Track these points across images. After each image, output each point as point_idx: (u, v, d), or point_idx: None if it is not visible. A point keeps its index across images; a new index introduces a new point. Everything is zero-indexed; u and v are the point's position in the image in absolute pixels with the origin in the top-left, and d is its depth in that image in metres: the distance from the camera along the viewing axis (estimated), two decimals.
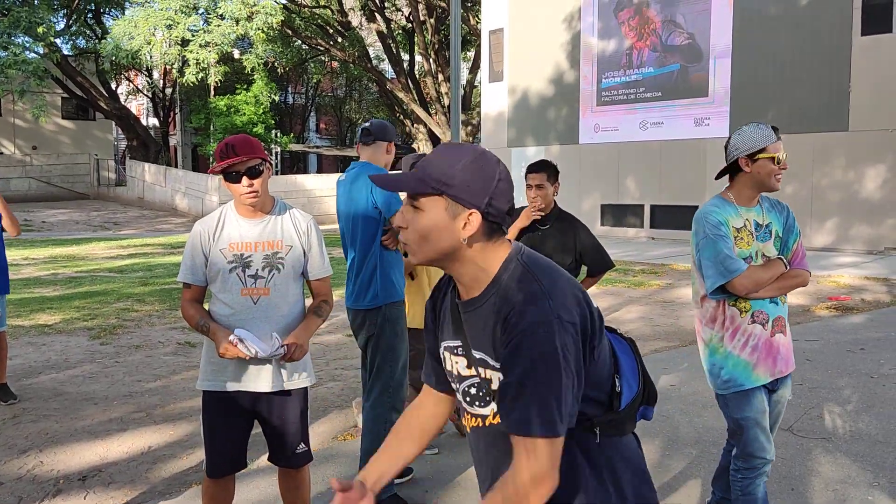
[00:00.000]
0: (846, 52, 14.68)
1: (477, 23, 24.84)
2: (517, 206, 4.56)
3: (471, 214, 1.53)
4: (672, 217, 17.49)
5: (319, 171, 42.94)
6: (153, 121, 40.99)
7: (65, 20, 30.48)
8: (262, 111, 30.41)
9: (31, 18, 25.90)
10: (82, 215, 26.77)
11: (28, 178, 30.77)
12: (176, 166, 35.76)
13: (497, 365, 1.53)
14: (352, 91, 44.33)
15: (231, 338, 2.74)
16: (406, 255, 1.72)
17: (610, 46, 18.45)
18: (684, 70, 17.19)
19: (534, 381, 1.46)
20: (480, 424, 1.65)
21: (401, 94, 30.06)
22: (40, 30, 26.16)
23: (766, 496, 3.00)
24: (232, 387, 2.90)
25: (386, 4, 31.32)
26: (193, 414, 5.28)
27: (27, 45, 27.24)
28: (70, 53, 31.22)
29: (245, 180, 2.78)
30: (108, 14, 32.45)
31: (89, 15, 32.22)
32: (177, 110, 37.94)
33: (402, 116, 34.96)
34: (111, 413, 5.32)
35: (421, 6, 27.79)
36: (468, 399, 1.65)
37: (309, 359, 3.02)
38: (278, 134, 32.76)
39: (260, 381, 2.90)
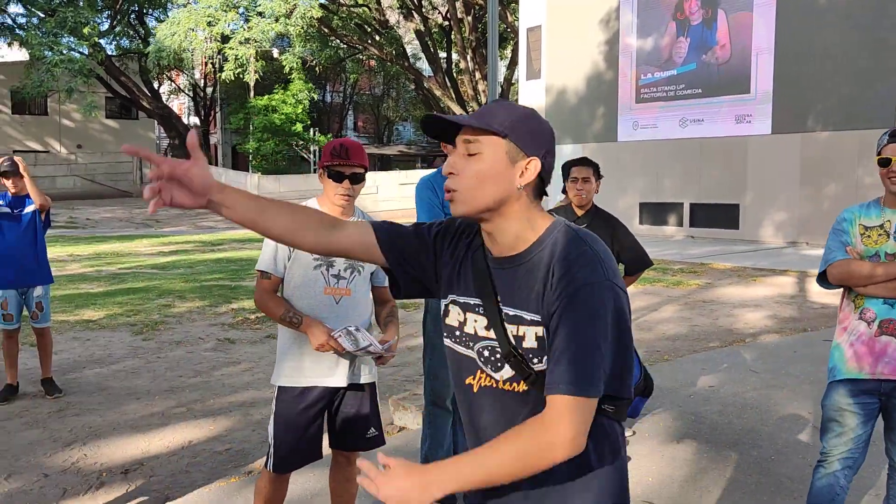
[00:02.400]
0: (894, 46, 14.31)
1: (514, 20, 24.75)
2: (557, 203, 4.55)
3: (530, 162, 1.51)
4: (712, 216, 17.24)
5: None
6: (194, 119, 41.64)
7: (109, 21, 31.11)
8: (300, 110, 30.70)
9: (77, 19, 26.53)
10: (125, 213, 27.30)
11: (73, 175, 31.50)
12: (216, 165, 36.27)
13: (535, 318, 1.50)
14: (389, 89, 44.55)
15: (340, 329, 2.81)
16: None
17: (649, 43, 18.25)
18: (725, 66, 16.92)
19: (582, 341, 1.44)
20: (494, 385, 1.59)
21: (438, 92, 30.11)
22: (85, 30, 26.78)
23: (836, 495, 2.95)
24: (309, 382, 2.95)
25: (423, 3, 31.38)
26: (233, 409, 5.36)
27: (72, 45, 27.88)
28: (114, 54, 31.86)
29: (346, 183, 2.88)
30: (151, 14, 33.03)
31: (132, 16, 32.86)
32: (217, 109, 38.49)
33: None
34: (153, 408, 5.43)
35: (458, 4, 27.78)
36: (482, 359, 1.61)
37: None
38: (316, 132, 33.03)
39: (336, 376, 2.96)
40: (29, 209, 5.55)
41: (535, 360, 1.51)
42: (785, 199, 16.07)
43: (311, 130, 32.37)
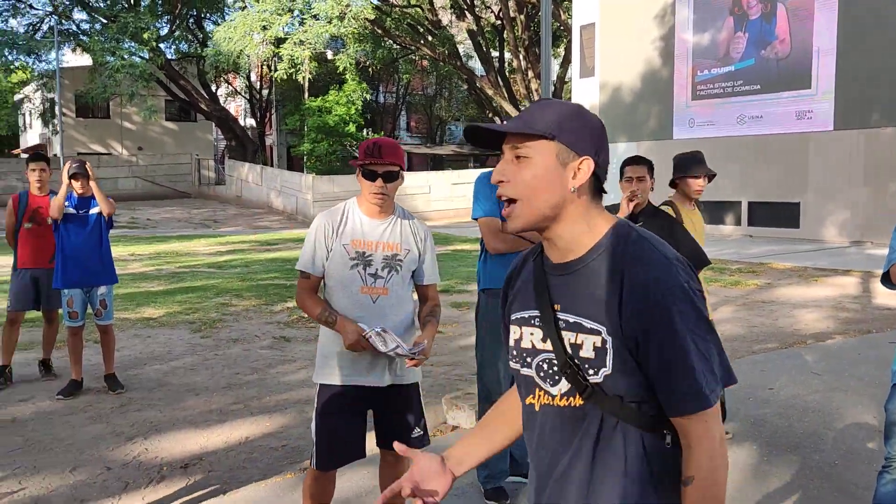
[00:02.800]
0: None
1: (568, 18, 24.55)
2: (610, 203, 4.49)
3: (581, 162, 1.45)
4: (771, 214, 16.83)
5: (409, 168, 43.40)
6: (250, 121, 42.42)
7: (168, 25, 31.91)
8: (353, 111, 31.00)
9: (137, 24, 27.28)
10: (184, 213, 27.98)
11: (134, 177, 32.39)
12: (272, 165, 36.89)
13: (595, 327, 1.42)
14: (441, 89, 44.64)
15: (371, 330, 2.81)
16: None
17: (706, 39, 17.89)
18: (785, 62, 16.49)
19: (683, 351, 1.38)
20: (551, 402, 1.51)
21: (490, 92, 30.06)
22: (145, 35, 27.52)
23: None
24: (348, 381, 2.97)
25: (476, 2, 31.35)
26: (288, 407, 5.44)
27: (133, 50, 28.69)
28: (173, 58, 32.66)
29: (379, 181, 2.89)
30: (209, 18, 33.76)
31: (191, 20, 33.62)
32: (272, 111, 39.14)
33: (491, 114, 34.95)
34: (211, 404, 5.54)
35: (511, 3, 27.68)
36: (541, 375, 1.53)
37: None
38: (370, 133, 33.32)
39: (375, 375, 2.96)
40: (94, 211, 5.73)
41: (592, 372, 1.43)
42: (848, 197, 15.58)
43: (365, 131, 32.66)
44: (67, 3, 30.85)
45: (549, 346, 1.50)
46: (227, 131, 35.54)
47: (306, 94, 31.74)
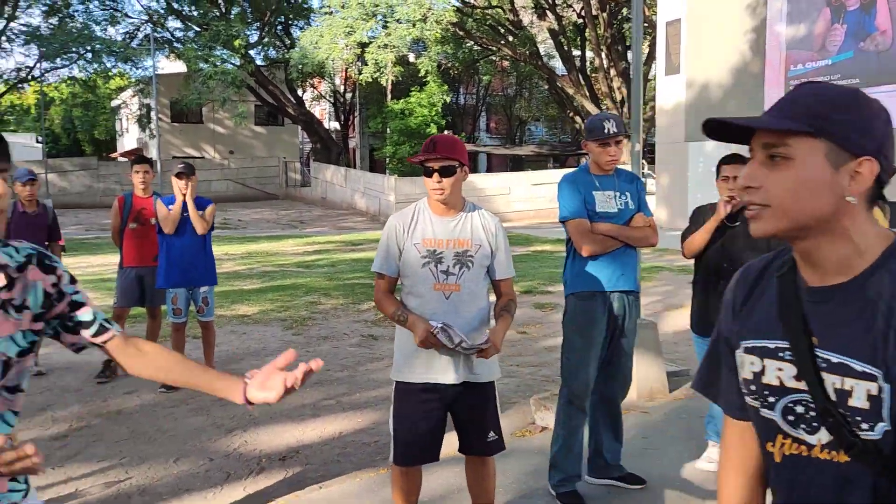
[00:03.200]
0: None
1: (652, 14, 24.08)
2: (698, 204, 4.40)
3: (861, 164, 1.16)
4: None
5: (489, 170, 43.46)
6: (334, 124, 43.32)
7: (257, 32, 32.93)
8: (434, 112, 31.26)
9: (229, 32, 28.25)
10: (272, 214, 28.80)
11: (226, 180, 33.56)
12: (355, 167, 37.58)
13: (869, 370, 1.15)
14: (522, 89, 44.48)
15: (435, 325, 2.86)
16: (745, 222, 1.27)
17: (800, 31, 17.24)
18: (886, 54, 15.73)
19: None
20: (804, 453, 1.25)
21: (571, 91, 29.80)
22: (236, 42, 28.48)
23: None
24: (423, 378, 3.01)
25: (557, 1, 31.13)
26: (378, 403, 5.55)
27: (225, 57, 29.74)
28: (262, 64, 33.68)
29: (436, 177, 2.93)
30: (296, 25, 34.66)
31: (279, 27, 34.60)
32: (356, 114, 39.86)
33: (572, 113, 34.63)
34: (304, 399, 5.71)
35: (593, 1, 27.36)
36: (790, 419, 1.25)
37: (495, 356, 3.08)
38: (451, 134, 33.51)
39: (450, 373, 2.99)
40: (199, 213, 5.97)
41: (865, 426, 1.15)
42: None
43: (446, 133, 32.88)
44: (162, 11, 32.26)
45: (804, 385, 1.22)
46: (312, 134, 36.39)
47: (389, 97, 32.19)
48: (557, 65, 35.89)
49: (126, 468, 4.41)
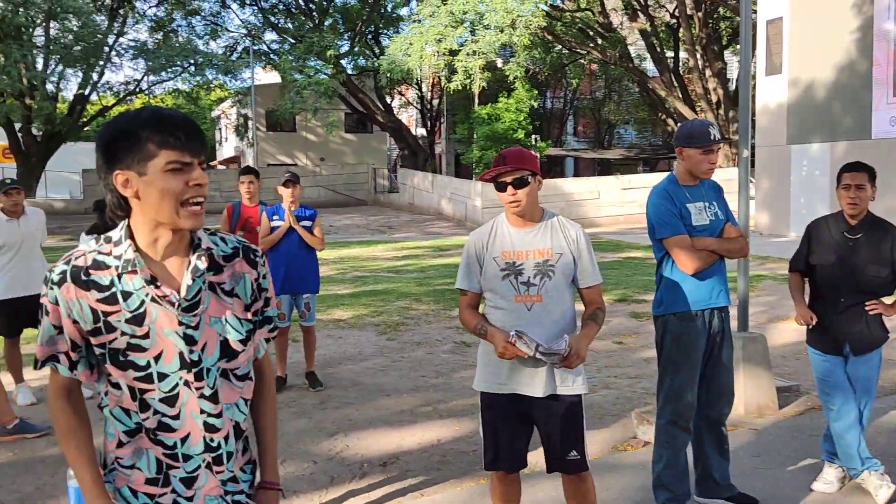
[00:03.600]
0: None
1: (752, 13, 23.28)
2: (800, 209, 4.21)
3: None
4: None
5: (576, 174, 42.99)
6: (421, 131, 43.78)
7: (348, 42, 33.64)
8: (522, 117, 31.14)
9: (322, 43, 28.96)
10: (362, 220, 29.30)
11: (318, 186, 34.35)
12: (441, 173, 37.84)
13: None
14: (611, 92, 43.83)
15: (511, 334, 2.84)
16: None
17: None
18: None
19: None
20: None
21: (663, 93, 29.13)
22: (328, 53, 29.16)
23: None
24: (506, 389, 3.01)
25: (649, 2, 30.52)
26: (475, 412, 5.49)
27: (318, 67, 30.49)
28: (352, 73, 34.37)
29: (510, 189, 2.92)
30: (386, 34, 35.23)
31: (369, 36, 35.24)
32: (442, 120, 40.16)
33: (664, 116, 33.86)
34: (402, 405, 5.77)
35: (688, 0, 26.68)
36: None
37: (582, 367, 3.02)
38: (537, 139, 33.32)
39: (534, 385, 2.96)
40: (303, 223, 6.13)
41: None
42: None
43: (533, 137, 32.70)
44: (259, 25, 33.37)
45: None
46: (400, 141, 36.88)
47: (476, 103, 32.28)
48: (649, 66, 35.19)
49: None
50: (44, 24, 27.18)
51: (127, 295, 1.65)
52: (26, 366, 6.59)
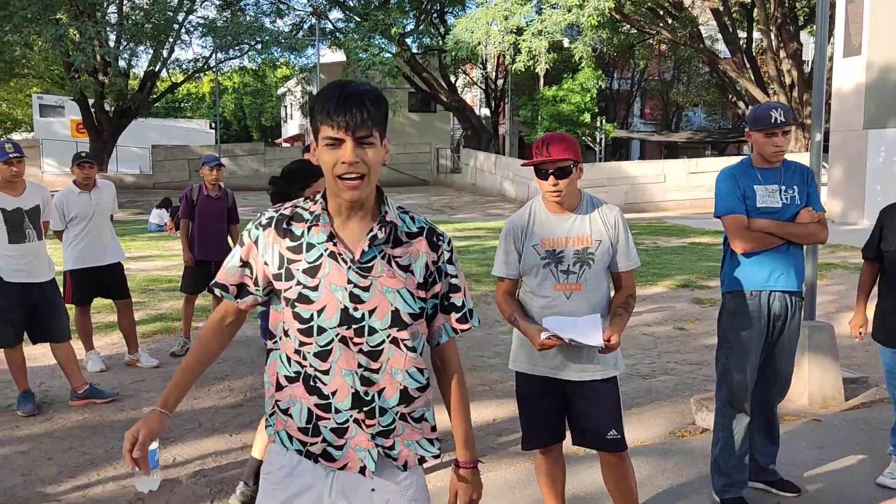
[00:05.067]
0: None
1: None
2: (876, 196, 4.03)
3: None
4: None
5: (642, 157, 42.24)
6: (485, 111, 43.59)
7: (414, 21, 33.61)
8: (588, 99, 30.68)
9: (387, 21, 29.01)
10: (424, 200, 29.42)
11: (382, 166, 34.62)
12: (504, 154, 37.65)
13: None
14: (680, 74, 42.78)
15: (543, 336, 2.82)
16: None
17: None
18: None
19: None
20: None
21: (734, 74, 28.26)
22: (393, 31, 29.20)
23: None
24: (541, 371, 3.01)
25: None
26: None
27: (383, 46, 30.59)
28: (417, 51, 34.38)
29: (552, 179, 2.86)
30: (452, 13, 35.07)
31: (435, 14, 35.14)
32: (506, 100, 39.89)
33: (734, 98, 32.90)
34: None
35: None
36: None
37: (618, 349, 2.97)
38: (603, 121, 32.82)
39: (569, 369, 2.96)
40: None
41: None
42: None
43: (598, 119, 32.21)
44: (325, 3, 33.61)
45: None
46: (463, 121, 36.78)
47: (541, 83, 31.92)
48: (720, 47, 34.17)
49: None
50: (116, 1, 27.97)
51: (310, 246, 1.81)
52: (96, 334, 6.87)
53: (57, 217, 5.81)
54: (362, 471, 1.83)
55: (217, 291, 1.92)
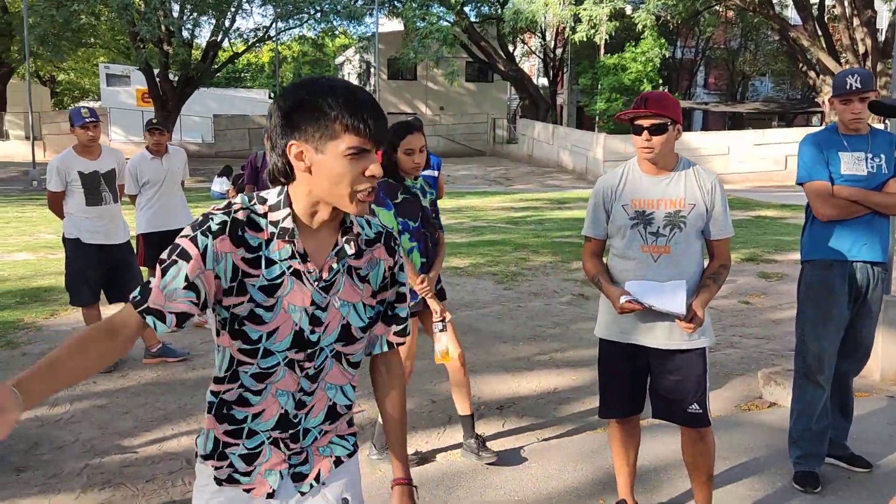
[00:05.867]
0: None
1: None
2: None
3: None
4: None
5: (705, 128, 41.17)
6: (542, 80, 43.00)
7: None
8: (650, 68, 29.98)
9: None
10: (480, 170, 29.32)
11: (437, 136, 34.53)
12: (562, 124, 37.17)
13: None
14: (747, 42, 41.41)
15: (622, 299, 2.79)
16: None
17: None
18: None
19: None
20: None
21: (806, 43, 27.22)
22: (452, 0, 28.93)
23: None
24: (626, 338, 2.96)
25: None
26: (591, 363, 5.46)
27: (441, 14, 30.35)
28: (475, 20, 34.03)
29: (645, 135, 2.80)
30: None
31: None
32: (565, 70, 39.25)
33: (804, 67, 31.73)
34: (518, 353, 5.81)
35: None
36: None
37: (708, 319, 2.91)
38: (665, 90, 32.03)
39: (655, 335, 2.90)
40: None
41: None
42: None
43: (661, 89, 31.47)
44: None
45: None
46: (521, 91, 36.37)
47: (602, 52, 31.30)
48: (790, 14, 32.91)
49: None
50: None
51: (270, 262, 1.56)
52: None
53: (130, 182, 5.97)
54: (270, 495, 1.68)
55: (150, 321, 1.50)
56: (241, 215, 1.55)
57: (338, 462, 1.75)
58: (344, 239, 1.62)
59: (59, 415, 4.54)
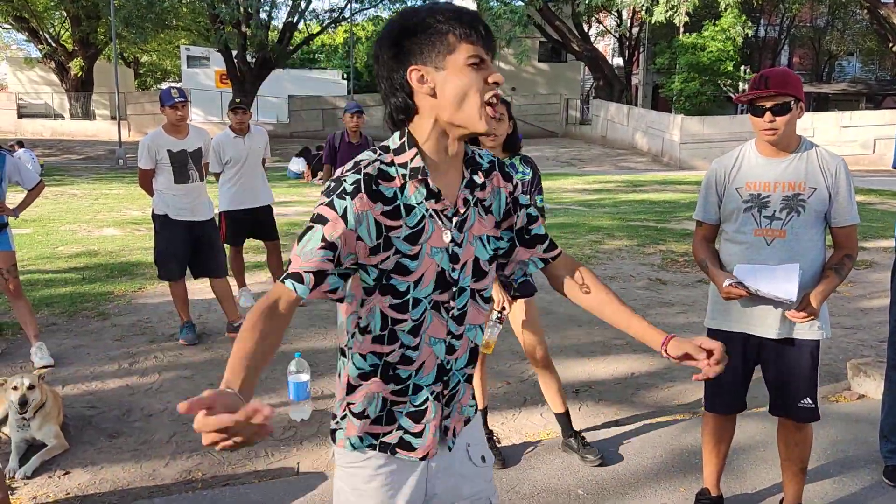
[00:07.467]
0: None
1: None
2: None
3: None
4: None
5: None
6: (617, 61, 42.14)
7: None
8: (730, 47, 29.00)
9: None
10: (552, 151, 29.03)
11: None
12: (637, 105, 36.40)
13: None
14: (834, 20, 39.63)
15: (726, 282, 2.70)
16: None
17: None
18: None
19: None
20: None
21: None
22: None
23: None
24: (737, 328, 2.85)
25: None
26: None
27: None
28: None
29: (768, 115, 2.64)
30: None
31: None
32: (641, 49, 38.36)
33: (895, 47, 30.19)
34: (594, 336, 5.75)
35: None
36: None
37: (826, 310, 2.79)
38: (747, 71, 30.99)
39: (767, 326, 2.78)
40: None
41: None
42: None
43: (742, 68, 30.42)
44: None
45: None
46: (595, 71, 35.73)
47: (680, 31, 30.43)
48: None
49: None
50: None
51: (409, 209, 1.53)
52: (248, 271, 7.26)
53: (214, 160, 6.13)
54: (423, 458, 1.68)
55: (289, 283, 1.47)
56: (370, 169, 1.52)
57: (467, 421, 1.77)
58: (470, 170, 1.62)
59: (148, 384, 4.72)
